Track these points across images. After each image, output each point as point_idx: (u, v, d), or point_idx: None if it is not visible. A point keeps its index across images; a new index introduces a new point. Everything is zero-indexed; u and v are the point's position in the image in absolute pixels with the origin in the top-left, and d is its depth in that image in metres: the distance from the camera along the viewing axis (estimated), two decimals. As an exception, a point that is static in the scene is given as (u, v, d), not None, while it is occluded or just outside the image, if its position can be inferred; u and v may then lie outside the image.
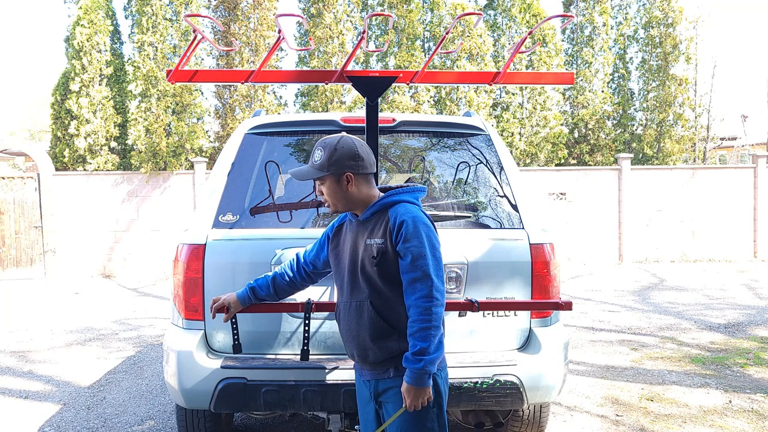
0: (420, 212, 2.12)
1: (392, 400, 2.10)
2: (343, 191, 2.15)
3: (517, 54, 3.68)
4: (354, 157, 2.14)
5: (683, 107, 14.21)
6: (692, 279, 10.57)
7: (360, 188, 2.16)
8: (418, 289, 2.01)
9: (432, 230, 2.10)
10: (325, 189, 2.19)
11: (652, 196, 13.05)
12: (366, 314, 2.12)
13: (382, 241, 2.09)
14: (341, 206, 2.19)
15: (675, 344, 6.10)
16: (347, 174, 2.13)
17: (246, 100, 12.97)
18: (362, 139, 3.20)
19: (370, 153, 2.21)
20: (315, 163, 2.17)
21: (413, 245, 2.03)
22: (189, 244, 2.88)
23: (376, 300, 2.11)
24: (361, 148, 2.17)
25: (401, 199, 2.15)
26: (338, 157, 2.12)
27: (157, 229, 12.34)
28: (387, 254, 2.08)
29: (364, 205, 2.18)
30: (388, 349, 2.09)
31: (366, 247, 2.13)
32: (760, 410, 4.21)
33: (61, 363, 5.79)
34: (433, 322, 1.97)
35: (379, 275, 2.10)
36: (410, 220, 2.05)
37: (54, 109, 12.93)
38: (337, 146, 2.14)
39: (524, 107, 13.73)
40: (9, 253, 11.99)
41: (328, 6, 12.84)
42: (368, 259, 2.11)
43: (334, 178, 2.15)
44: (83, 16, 12.41)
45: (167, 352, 2.89)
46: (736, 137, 19.35)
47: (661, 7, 14.14)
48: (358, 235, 2.18)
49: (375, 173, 2.25)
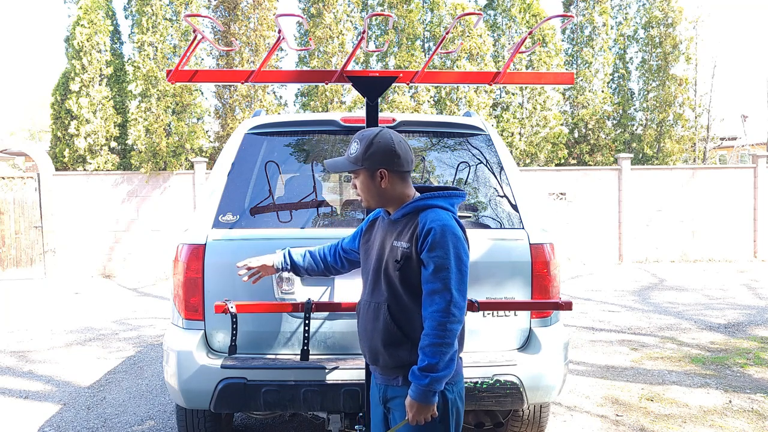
0: (452, 220, 2.00)
1: (398, 408, 2.04)
2: (376, 187, 2.07)
3: (517, 54, 3.68)
4: (390, 153, 2.04)
5: (683, 107, 14.21)
6: (692, 279, 10.57)
7: (394, 186, 2.08)
8: (435, 301, 1.92)
9: (461, 241, 1.98)
10: (358, 183, 2.11)
11: (652, 196, 13.05)
12: (382, 318, 2.05)
13: (408, 245, 2.00)
14: (373, 202, 2.12)
15: (675, 344, 6.10)
16: (381, 170, 2.05)
17: (246, 100, 12.97)
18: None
19: (409, 150, 2.10)
20: (350, 155, 2.10)
21: (437, 255, 1.93)
22: (189, 244, 2.88)
23: (393, 305, 2.04)
24: (399, 144, 2.06)
25: (434, 204, 2.04)
26: (373, 152, 2.04)
27: (157, 229, 12.34)
28: (411, 260, 1.99)
29: (398, 203, 2.09)
30: (399, 358, 2.02)
31: (392, 248, 2.05)
32: (760, 410, 4.21)
33: (61, 363, 5.79)
34: (446, 338, 1.89)
35: (400, 280, 2.02)
36: (438, 228, 1.94)
37: (54, 109, 12.93)
38: (374, 140, 2.05)
39: (524, 107, 13.73)
40: (9, 253, 11.99)
41: (328, 6, 12.84)
42: (392, 262, 2.04)
43: (367, 173, 2.07)
44: (83, 16, 12.41)
45: (167, 352, 2.89)
46: (736, 137, 19.35)
47: (661, 7, 14.14)
48: (387, 235, 2.11)
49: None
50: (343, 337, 2.89)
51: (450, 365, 1.91)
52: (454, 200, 2.09)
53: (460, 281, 1.94)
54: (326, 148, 3.37)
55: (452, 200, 2.09)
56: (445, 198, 2.07)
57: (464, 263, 1.96)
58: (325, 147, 3.36)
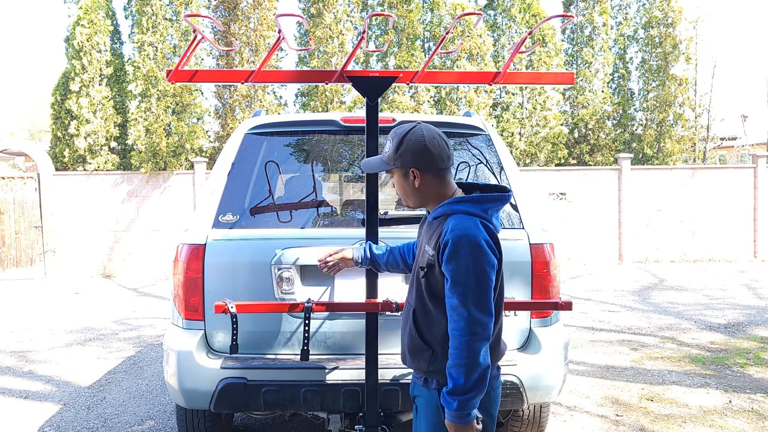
0: (475, 228, 1.85)
1: (421, 406, 2.02)
2: (410, 187, 2.00)
3: (517, 54, 3.67)
4: (421, 151, 1.95)
5: (683, 107, 14.21)
6: (692, 279, 10.57)
7: (429, 185, 1.99)
8: (455, 318, 1.83)
9: (483, 251, 1.83)
10: (395, 182, 2.06)
11: (652, 196, 13.05)
12: (408, 323, 2.02)
13: (432, 253, 1.92)
14: (411, 201, 2.05)
15: (675, 344, 6.10)
16: (413, 169, 1.97)
17: (246, 100, 12.97)
18: (361, 139, 3.21)
19: (443, 147, 1.98)
20: (384, 154, 2.04)
21: (453, 268, 1.83)
22: (189, 244, 2.88)
23: (419, 311, 1.99)
24: (432, 141, 1.96)
25: (461, 210, 1.91)
26: (403, 151, 1.97)
27: (157, 229, 12.34)
28: (434, 269, 1.91)
29: (437, 202, 2.00)
30: (419, 365, 1.99)
31: (423, 253, 1.99)
32: (760, 410, 4.21)
33: (61, 363, 5.79)
34: (468, 358, 1.79)
35: (425, 287, 1.96)
36: (455, 239, 1.82)
37: (54, 109, 12.93)
38: (405, 138, 1.97)
39: (524, 107, 13.73)
40: (9, 253, 11.99)
41: (328, 6, 12.84)
42: (419, 270, 1.98)
43: (401, 171, 2.00)
44: (83, 16, 12.41)
45: (167, 352, 2.89)
46: (736, 137, 19.34)
47: (661, 7, 14.14)
48: (424, 236, 2.04)
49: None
50: (343, 337, 2.89)
51: (480, 385, 1.81)
52: (487, 205, 1.93)
53: (479, 295, 1.82)
54: (326, 148, 3.37)
55: (484, 205, 1.93)
56: (475, 203, 1.92)
57: (486, 275, 1.83)
58: (325, 147, 3.37)
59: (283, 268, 2.86)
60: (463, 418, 1.81)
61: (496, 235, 1.92)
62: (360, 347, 2.75)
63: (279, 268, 2.86)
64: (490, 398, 1.98)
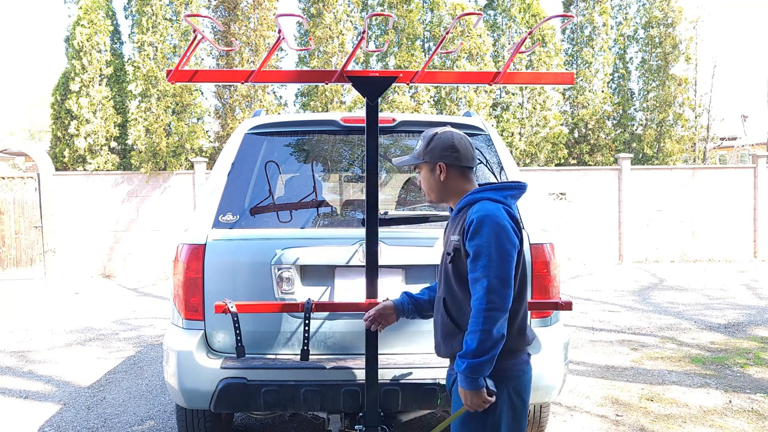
0: (498, 210, 2.00)
1: (456, 396, 2.07)
2: (435, 181, 2.17)
3: (517, 54, 3.66)
4: (450, 147, 2.14)
5: (683, 107, 14.21)
6: (692, 279, 10.57)
7: (453, 180, 2.16)
8: (476, 290, 1.94)
9: (505, 230, 1.96)
10: (421, 178, 2.23)
11: (652, 196, 13.05)
12: (440, 312, 2.13)
13: (457, 239, 2.05)
14: (434, 196, 2.21)
15: (675, 344, 6.10)
16: (440, 164, 2.14)
17: (246, 100, 12.97)
18: (361, 139, 3.21)
19: (470, 148, 2.18)
20: (414, 151, 2.23)
21: (476, 243, 1.96)
22: (189, 244, 2.88)
23: (449, 299, 2.10)
24: (460, 141, 2.16)
25: (484, 197, 2.07)
26: (433, 146, 2.15)
27: (157, 229, 12.34)
28: (460, 252, 2.04)
29: (458, 198, 2.16)
30: (452, 348, 2.08)
31: (448, 243, 2.12)
32: (760, 410, 4.21)
33: (61, 363, 5.79)
34: (483, 325, 1.89)
35: (453, 273, 2.07)
36: (479, 217, 1.97)
37: (54, 109, 12.93)
38: (435, 136, 2.17)
39: (524, 107, 13.73)
40: (9, 253, 11.99)
41: (328, 6, 12.84)
42: (446, 256, 2.11)
43: (428, 166, 2.18)
44: (83, 16, 12.41)
45: (167, 352, 2.89)
46: (736, 137, 19.34)
47: (661, 7, 14.14)
48: (449, 231, 2.18)
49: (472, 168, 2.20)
50: (343, 337, 2.89)
51: (491, 351, 1.90)
52: (506, 192, 2.10)
53: (499, 268, 1.92)
54: (326, 148, 3.37)
55: (504, 192, 2.10)
56: (497, 190, 2.10)
57: (506, 251, 1.94)
58: (325, 147, 3.37)
59: (283, 268, 2.86)
60: (473, 382, 1.91)
61: (516, 217, 2.06)
62: (360, 347, 2.75)
63: (279, 268, 2.86)
64: (522, 383, 2.07)
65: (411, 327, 2.92)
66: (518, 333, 2.05)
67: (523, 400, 2.07)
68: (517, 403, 2.05)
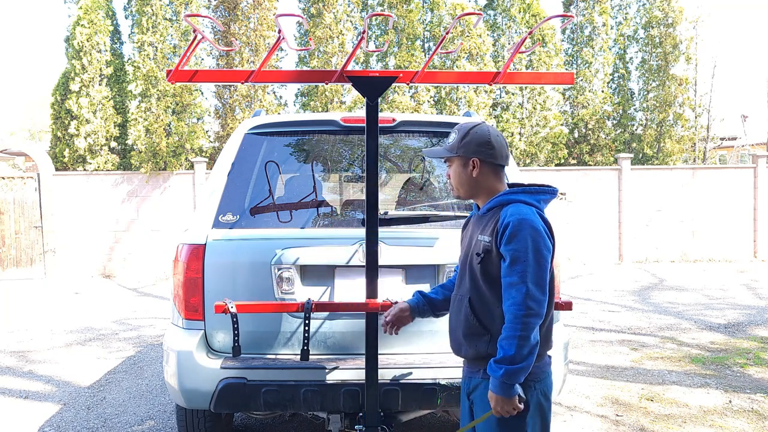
0: (533, 215, 1.99)
1: (479, 399, 2.05)
2: (467, 176, 2.13)
3: (517, 54, 3.66)
4: (485, 143, 2.10)
5: (683, 107, 14.21)
6: (692, 279, 10.57)
7: (485, 177, 2.12)
8: (512, 294, 1.92)
9: (541, 235, 1.96)
10: (451, 171, 2.17)
11: (652, 196, 13.05)
12: (464, 311, 2.09)
13: (489, 240, 2.02)
14: (463, 192, 2.16)
15: (675, 344, 6.10)
16: (474, 159, 2.10)
17: (246, 100, 12.97)
18: (361, 139, 3.21)
19: (505, 145, 2.15)
20: (447, 144, 2.17)
21: (513, 248, 1.93)
22: (189, 244, 2.88)
23: (475, 298, 2.07)
24: (496, 137, 2.12)
25: (517, 199, 2.05)
26: (468, 141, 2.10)
27: (157, 229, 12.34)
28: (491, 254, 2.01)
29: (487, 196, 2.13)
30: (478, 349, 2.05)
31: (476, 242, 2.08)
32: (760, 410, 4.21)
33: (61, 363, 5.79)
34: (521, 331, 1.88)
35: (481, 274, 2.04)
36: (516, 222, 1.94)
37: (54, 109, 12.93)
38: (471, 130, 2.12)
39: (524, 107, 13.72)
40: (9, 253, 11.99)
41: (328, 6, 12.84)
42: (475, 256, 2.07)
43: (461, 161, 2.13)
44: (83, 16, 12.41)
45: (167, 352, 2.89)
46: (736, 137, 19.34)
47: (661, 7, 14.14)
48: (475, 229, 2.14)
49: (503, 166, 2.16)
50: (343, 337, 2.89)
51: (528, 359, 1.89)
52: (539, 196, 2.08)
53: (536, 274, 1.92)
54: (326, 148, 3.37)
55: (537, 196, 2.08)
56: (530, 194, 2.07)
57: (543, 257, 1.94)
58: (325, 147, 3.36)
59: (283, 268, 2.86)
60: (507, 389, 1.90)
61: (549, 223, 2.05)
62: (360, 347, 2.75)
63: (279, 268, 2.86)
64: (547, 384, 2.07)
65: (411, 327, 2.91)
66: (545, 336, 2.05)
67: (549, 402, 2.07)
68: (545, 405, 2.05)
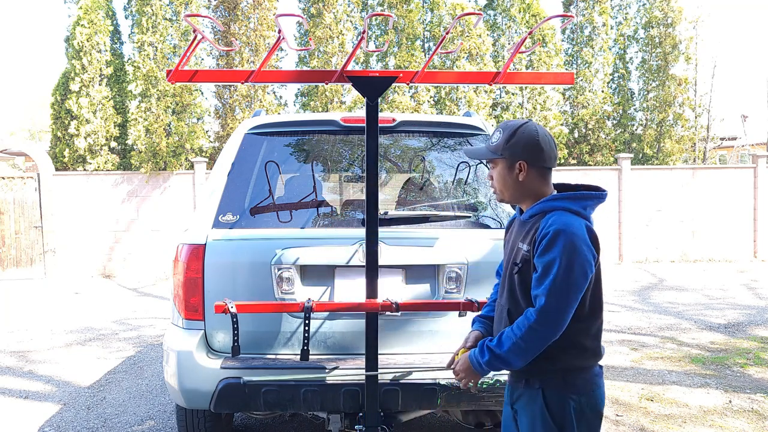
0: (574, 226, 1.83)
1: (523, 409, 1.98)
2: (512, 180, 1.97)
3: (517, 54, 3.66)
4: (533, 145, 1.93)
5: (683, 107, 14.22)
6: (692, 279, 10.57)
7: (532, 181, 1.96)
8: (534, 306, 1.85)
9: (578, 248, 1.80)
10: (495, 174, 2.02)
11: (652, 196, 13.05)
12: (503, 322, 2.00)
13: (527, 249, 1.90)
14: (507, 195, 2.02)
15: (675, 344, 6.10)
16: (521, 162, 1.94)
17: (246, 100, 12.97)
18: (361, 139, 3.21)
19: (554, 147, 1.98)
20: (491, 144, 2.01)
21: (545, 261, 1.81)
22: (189, 244, 2.88)
23: (513, 310, 1.96)
24: (544, 138, 1.95)
25: (560, 206, 1.90)
26: (515, 142, 1.94)
27: (157, 229, 12.34)
28: (529, 264, 1.89)
29: (532, 200, 1.98)
30: None
31: (516, 251, 1.97)
32: (760, 410, 4.21)
33: (61, 363, 5.79)
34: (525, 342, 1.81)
35: (518, 284, 1.93)
36: (554, 233, 1.81)
37: (54, 109, 12.93)
38: (518, 130, 1.95)
39: (524, 107, 13.72)
40: (9, 253, 11.99)
41: (328, 6, 12.84)
42: (513, 266, 1.96)
43: (506, 163, 1.97)
44: (83, 16, 12.41)
45: (167, 352, 2.89)
46: (736, 137, 19.34)
47: (661, 7, 14.14)
48: (517, 236, 2.01)
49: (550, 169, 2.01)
50: (343, 337, 2.89)
51: (514, 361, 1.86)
52: (585, 202, 1.93)
53: (562, 290, 1.79)
54: (326, 148, 3.37)
55: (583, 202, 1.92)
56: (575, 200, 1.91)
57: (575, 271, 1.79)
58: (325, 147, 3.37)
59: (283, 268, 2.86)
60: (479, 367, 1.95)
61: (594, 232, 1.91)
62: (360, 347, 2.75)
63: (279, 268, 2.86)
64: (595, 397, 1.97)
65: (411, 327, 2.92)
66: (594, 347, 1.98)
67: (599, 418, 1.98)
68: (593, 422, 1.96)
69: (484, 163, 2.59)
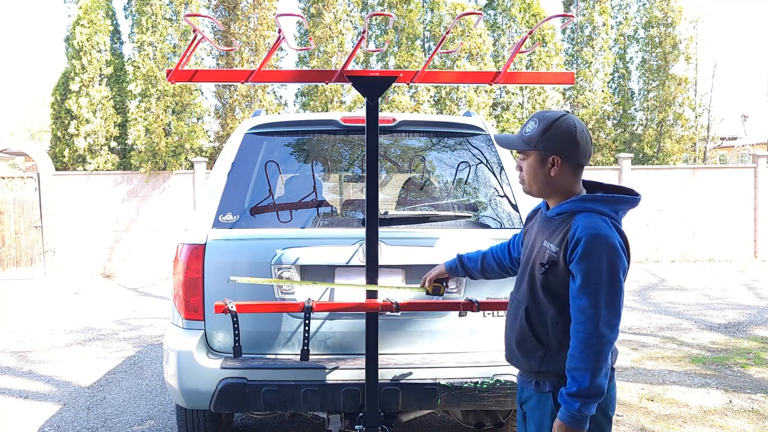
0: (608, 228, 1.78)
1: (532, 411, 1.95)
2: (544, 174, 1.89)
3: (518, 54, 3.66)
4: (570, 140, 1.85)
5: (683, 107, 14.22)
6: (692, 279, 10.57)
7: (564, 177, 1.89)
8: (581, 320, 1.75)
9: (618, 253, 1.76)
10: (525, 165, 1.94)
11: (652, 196, 13.04)
12: (519, 319, 1.94)
13: (556, 250, 1.83)
14: (536, 189, 1.94)
15: (675, 344, 6.10)
16: (555, 156, 1.87)
17: (246, 100, 12.97)
18: (361, 139, 3.21)
19: (589, 143, 1.91)
20: (524, 134, 1.92)
21: (586, 268, 1.75)
22: (189, 244, 2.87)
23: (532, 308, 1.91)
24: (581, 134, 1.87)
25: (592, 208, 1.83)
26: (551, 135, 1.86)
27: (157, 229, 12.34)
28: (557, 267, 1.83)
29: (561, 197, 1.91)
30: (531, 365, 1.92)
31: (541, 248, 1.90)
32: (760, 410, 4.21)
33: (61, 363, 5.79)
34: (594, 362, 1.73)
35: (542, 284, 1.87)
36: (589, 238, 1.75)
37: (54, 109, 12.93)
38: (555, 123, 1.86)
39: (524, 107, 13.72)
40: (9, 253, 11.99)
41: (328, 6, 12.83)
42: (538, 264, 1.89)
43: (539, 156, 1.89)
44: (83, 16, 12.41)
45: (167, 352, 2.89)
46: (736, 137, 19.34)
47: (661, 7, 14.14)
48: (540, 232, 1.95)
49: None
50: (343, 337, 2.89)
51: (602, 387, 1.75)
52: (619, 206, 1.87)
53: (611, 297, 1.75)
54: (326, 148, 3.37)
55: (617, 206, 1.86)
56: (608, 203, 1.85)
57: (618, 277, 1.76)
58: (325, 147, 3.36)
59: (283, 268, 2.86)
60: (581, 421, 1.76)
61: (626, 237, 1.85)
62: (360, 347, 2.74)
63: (279, 268, 2.86)
64: (606, 399, 1.88)
65: (411, 327, 2.92)
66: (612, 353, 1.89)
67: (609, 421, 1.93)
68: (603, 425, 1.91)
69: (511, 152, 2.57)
